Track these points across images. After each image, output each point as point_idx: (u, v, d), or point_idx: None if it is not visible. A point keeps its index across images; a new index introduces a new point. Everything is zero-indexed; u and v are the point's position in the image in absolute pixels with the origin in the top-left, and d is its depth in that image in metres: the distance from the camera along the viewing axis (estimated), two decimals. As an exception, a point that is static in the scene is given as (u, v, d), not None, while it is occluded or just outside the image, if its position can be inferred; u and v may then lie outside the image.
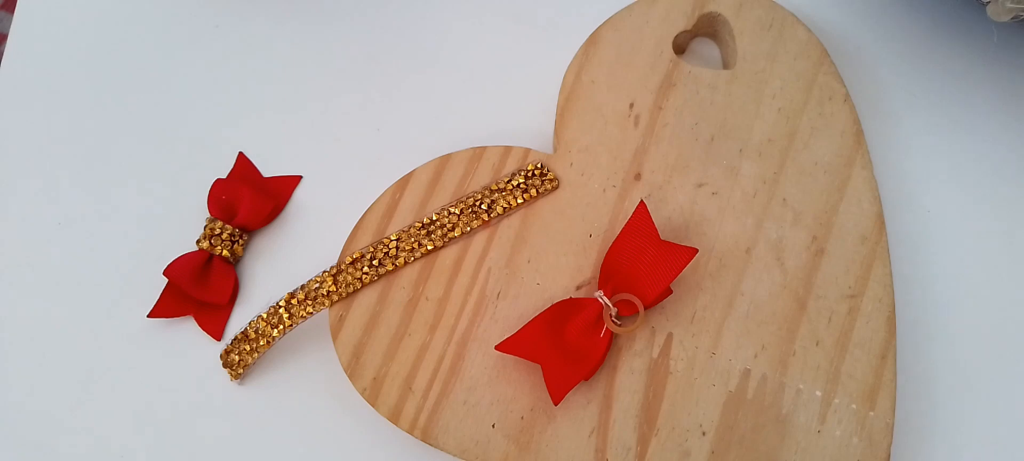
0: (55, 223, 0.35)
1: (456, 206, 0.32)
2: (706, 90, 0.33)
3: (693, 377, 0.30)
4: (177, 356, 0.33)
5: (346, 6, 0.38)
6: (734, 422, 0.29)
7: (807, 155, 0.32)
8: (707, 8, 0.34)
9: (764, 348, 0.30)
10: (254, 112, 0.36)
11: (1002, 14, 0.31)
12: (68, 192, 0.35)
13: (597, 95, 0.33)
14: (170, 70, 0.37)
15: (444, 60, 0.37)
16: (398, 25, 0.37)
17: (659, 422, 0.29)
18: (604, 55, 0.34)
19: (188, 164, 0.35)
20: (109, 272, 0.34)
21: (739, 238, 0.31)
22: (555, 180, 0.32)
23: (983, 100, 0.36)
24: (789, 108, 0.33)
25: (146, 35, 0.37)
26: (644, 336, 0.30)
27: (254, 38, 0.37)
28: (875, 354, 0.30)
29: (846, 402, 0.29)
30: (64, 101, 0.36)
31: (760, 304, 0.31)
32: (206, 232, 0.33)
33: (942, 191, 0.35)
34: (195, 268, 0.33)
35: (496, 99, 0.36)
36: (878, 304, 0.31)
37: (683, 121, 0.33)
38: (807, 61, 0.34)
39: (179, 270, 0.32)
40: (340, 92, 0.36)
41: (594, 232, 0.32)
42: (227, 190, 0.34)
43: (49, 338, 0.33)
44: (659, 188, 0.32)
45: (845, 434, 0.29)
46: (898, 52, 0.37)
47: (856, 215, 0.32)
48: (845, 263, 0.31)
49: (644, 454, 0.29)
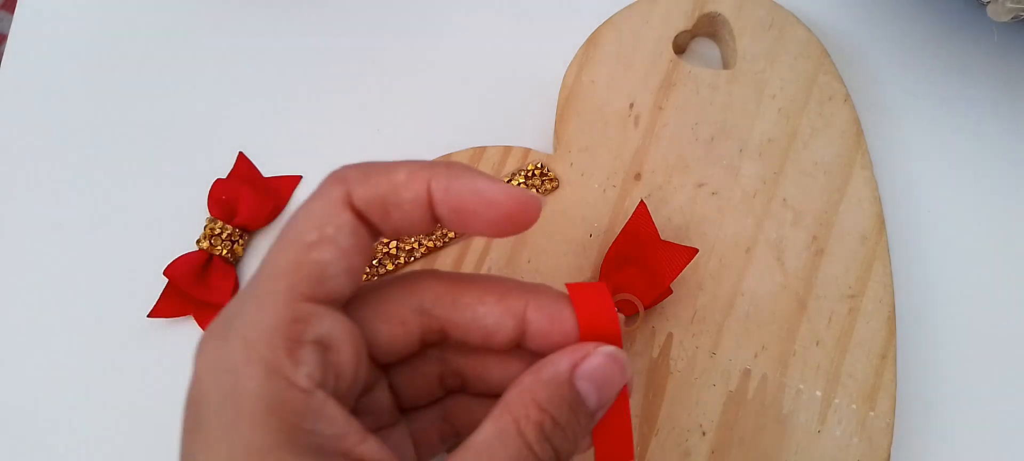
0: (55, 223, 0.35)
1: (456, 206, 0.32)
2: (706, 90, 0.33)
3: (693, 377, 0.30)
4: (177, 356, 0.33)
5: (347, 6, 0.38)
6: (734, 422, 0.29)
7: (807, 155, 0.32)
8: (707, 8, 0.34)
9: (764, 348, 0.30)
10: (254, 112, 0.36)
11: (1002, 14, 0.31)
12: (68, 192, 0.35)
13: (597, 95, 0.33)
14: (170, 70, 0.37)
15: (444, 60, 0.37)
16: (398, 25, 0.37)
17: (659, 422, 0.29)
18: (604, 55, 0.34)
19: (188, 164, 0.35)
20: (109, 272, 0.34)
21: (739, 238, 0.31)
22: (555, 180, 0.32)
23: (983, 100, 0.36)
24: (789, 108, 0.33)
25: (146, 35, 0.37)
26: (644, 336, 0.30)
27: (254, 38, 0.37)
28: (875, 354, 0.30)
29: (846, 402, 0.29)
30: (64, 101, 0.36)
31: (760, 304, 0.31)
32: (206, 232, 0.33)
33: (942, 191, 0.35)
34: (195, 268, 0.33)
35: (496, 99, 0.36)
36: (878, 304, 0.31)
37: (683, 121, 0.33)
38: (807, 61, 0.34)
39: (179, 270, 0.32)
40: (340, 92, 0.36)
41: (594, 232, 0.32)
42: (227, 190, 0.34)
43: (49, 338, 0.33)
44: (659, 188, 0.32)
45: (845, 434, 0.29)
46: (898, 52, 0.37)
47: (856, 215, 0.32)
48: (845, 263, 0.31)
49: (644, 454, 0.29)
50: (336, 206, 0.20)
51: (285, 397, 0.18)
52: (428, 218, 0.20)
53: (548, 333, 0.21)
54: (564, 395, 0.20)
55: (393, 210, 0.20)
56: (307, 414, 0.18)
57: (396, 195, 0.20)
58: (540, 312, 0.21)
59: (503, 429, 0.19)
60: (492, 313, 0.21)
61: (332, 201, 0.20)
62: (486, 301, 0.21)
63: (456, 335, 0.22)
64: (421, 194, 0.20)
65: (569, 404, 0.20)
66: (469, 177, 0.20)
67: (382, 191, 0.20)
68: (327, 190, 0.20)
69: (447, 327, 0.22)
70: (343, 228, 0.20)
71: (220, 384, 0.18)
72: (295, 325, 0.19)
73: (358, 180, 0.20)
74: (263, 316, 0.19)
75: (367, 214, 0.20)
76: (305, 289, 0.19)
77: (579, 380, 0.20)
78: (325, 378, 0.19)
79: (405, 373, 0.23)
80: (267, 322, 0.18)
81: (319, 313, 0.19)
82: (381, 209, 0.20)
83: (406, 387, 0.23)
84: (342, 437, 0.19)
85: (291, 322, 0.19)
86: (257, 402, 0.18)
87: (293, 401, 0.18)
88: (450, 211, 0.20)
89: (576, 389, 0.20)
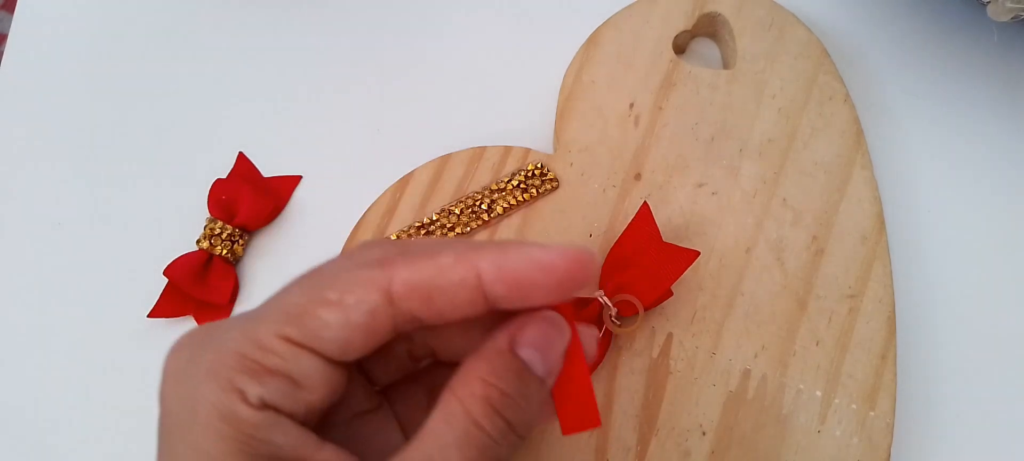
0: (55, 223, 0.34)
1: (456, 206, 0.32)
2: (706, 90, 0.33)
3: (693, 377, 0.30)
4: (177, 356, 0.33)
5: (347, 6, 0.38)
6: (734, 422, 0.29)
7: (807, 155, 0.32)
8: (707, 8, 0.34)
9: (764, 348, 0.30)
10: (254, 112, 0.36)
11: (1002, 14, 0.31)
12: (68, 192, 0.35)
13: (597, 95, 0.33)
14: (170, 70, 0.37)
15: (444, 60, 0.37)
16: (398, 25, 0.37)
17: (659, 422, 0.29)
18: (604, 55, 0.34)
19: (188, 164, 0.35)
20: (109, 272, 0.34)
21: (739, 238, 0.31)
22: (555, 180, 0.32)
23: (983, 100, 0.36)
24: (789, 108, 0.33)
25: (146, 35, 0.37)
26: (644, 336, 0.30)
27: (254, 38, 0.37)
28: (875, 354, 0.30)
29: (846, 402, 0.29)
30: (64, 101, 0.36)
31: (760, 304, 0.31)
32: (206, 232, 0.33)
33: (942, 191, 0.35)
34: (195, 268, 0.33)
35: (496, 99, 0.36)
36: (878, 304, 0.31)
37: (683, 121, 0.33)
38: (807, 61, 0.34)
39: (179, 270, 0.32)
40: (340, 92, 0.36)
41: (594, 232, 0.32)
42: (227, 190, 0.34)
43: (49, 338, 0.33)
44: (659, 188, 0.32)
45: (845, 434, 0.29)
46: (898, 52, 0.37)
47: (856, 215, 0.32)
48: (845, 263, 0.31)
49: (644, 454, 0.29)
50: (372, 284, 0.19)
51: (238, 410, 0.18)
52: (476, 300, 0.19)
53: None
54: (508, 365, 0.19)
55: (437, 295, 0.19)
56: (261, 426, 0.18)
57: (444, 278, 0.19)
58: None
59: (449, 411, 0.19)
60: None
61: (371, 279, 0.19)
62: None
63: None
64: (469, 276, 0.19)
65: (515, 373, 0.19)
66: (520, 249, 0.19)
67: (427, 276, 0.19)
68: (370, 270, 0.19)
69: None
70: (364, 307, 0.19)
71: (180, 394, 0.19)
72: (268, 355, 0.18)
73: (404, 265, 0.19)
74: (241, 337, 0.19)
75: (405, 301, 0.19)
76: (297, 334, 0.19)
77: (520, 348, 0.20)
78: (287, 406, 0.19)
79: (372, 358, 0.22)
80: (239, 344, 0.19)
81: (300, 355, 0.19)
82: (424, 294, 0.19)
83: (375, 369, 0.23)
84: (298, 447, 0.19)
85: (264, 350, 0.18)
86: (211, 411, 0.18)
87: (248, 416, 0.18)
88: (507, 288, 0.19)
89: (520, 358, 0.20)
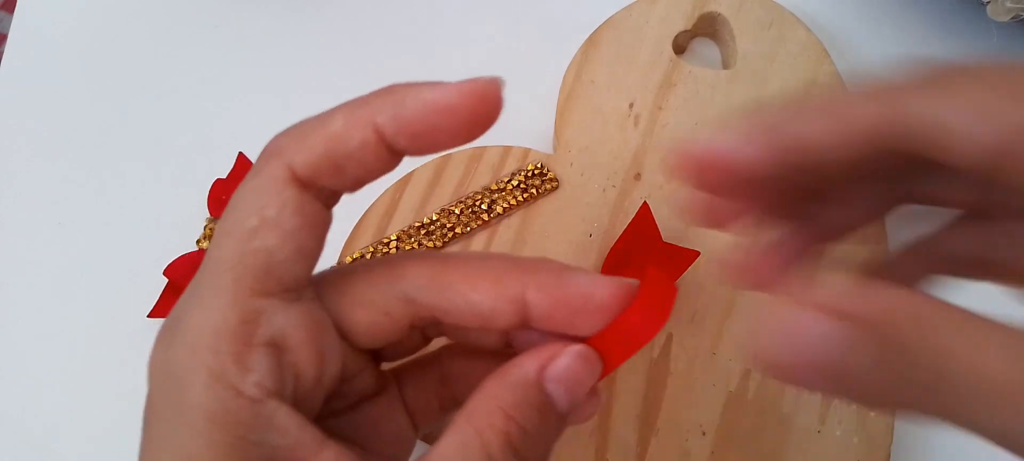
0: (55, 223, 0.34)
1: (456, 206, 0.32)
2: (706, 90, 0.33)
3: (693, 377, 0.30)
4: (177, 356, 0.33)
5: (347, 6, 0.38)
6: (734, 422, 0.29)
7: (807, 155, 0.32)
8: (707, 8, 0.34)
9: (764, 348, 0.30)
10: (254, 112, 0.36)
11: (1002, 14, 0.31)
12: (68, 192, 0.35)
13: (597, 95, 0.33)
14: (170, 70, 0.37)
15: (444, 60, 0.37)
16: (398, 25, 0.37)
17: (659, 422, 0.29)
18: (604, 55, 0.34)
19: (188, 164, 0.35)
20: (109, 272, 0.34)
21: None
22: (555, 180, 0.32)
23: (983, 100, 0.36)
24: (789, 108, 0.33)
25: (146, 35, 0.37)
26: (644, 336, 0.30)
27: (254, 38, 0.37)
28: (875, 354, 0.30)
29: (846, 402, 0.29)
30: (64, 101, 0.36)
31: (760, 304, 0.31)
32: (206, 232, 0.33)
33: (942, 191, 0.34)
34: (195, 268, 0.32)
35: (496, 99, 0.36)
36: (878, 304, 0.30)
37: (683, 121, 0.33)
38: (807, 61, 0.34)
39: (179, 270, 0.32)
40: (340, 92, 0.36)
41: (594, 232, 0.32)
42: (227, 190, 0.34)
43: (49, 338, 0.33)
44: (659, 188, 0.32)
45: (845, 434, 0.29)
46: (898, 52, 0.37)
47: (856, 215, 0.32)
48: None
49: (644, 454, 0.29)
50: (275, 184, 0.18)
51: (230, 407, 0.16)
52: (386, 157, 0.18)
53: (553, 315, 0.19)
54: (532, 399, 0.18)
55: (345, 163, 0.18)
56: (255, 425, 0.17)
57: (342, 146, 0.18)
58: (542, 292, 0.19)
59: (465, 441, 0.17)
60: (486, 299, 0.19)
61: (271, 178, 0.18)
62: (479, 287, 0.19)
63: (449, 322, 0.20)
64: (368, 135, 0.18)
65: (538, 409, 0.18)
66: (413, 94, 0.18)
67: (324, 149, 0.18)
68: (263, 167, 0.18)
69: (438, 315, 0.19)
70: (286, 207, 0.17)
71: (165, 392, 0.17)
72: (243, 326, 0.17)
73: (295, 147, 0.18)
74: (208, 317, 0.17)
75: (316, 179, 0.18)
76: (251, 282, 0.17)
77: (548, 382, 0.19)
78: (279, 384, 0.17)
79: (375, 331, 0.20)
80: (211, 324, 0.17)
81: (270, 309, 0.17)
82: (331, 168, 0.18)
83: (379, 343, 0.21)
84: (295, 447, 0.17)
85: (239, 323, 0.17)
86: (199, 412, 0.16)
87: (239, 412, 0.16)
88: (409, 139, 0.18)
89: (545, 391, 0.18)
